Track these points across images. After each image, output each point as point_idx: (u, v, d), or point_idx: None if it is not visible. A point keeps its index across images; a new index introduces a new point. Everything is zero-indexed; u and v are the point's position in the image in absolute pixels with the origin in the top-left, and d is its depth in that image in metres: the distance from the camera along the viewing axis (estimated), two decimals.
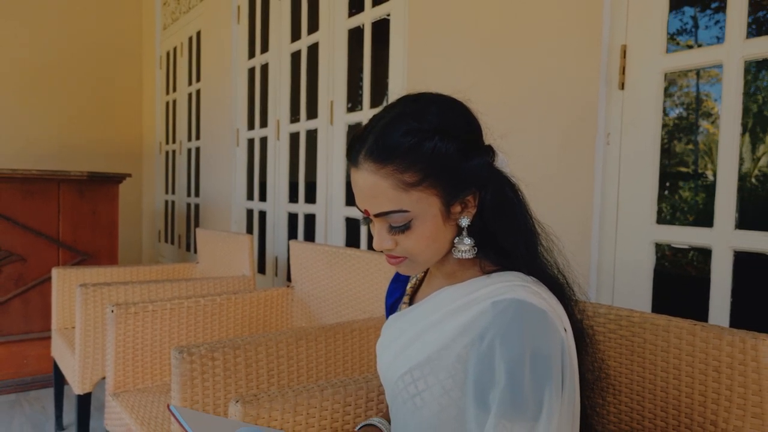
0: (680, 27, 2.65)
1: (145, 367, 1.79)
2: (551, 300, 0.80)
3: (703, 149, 2.88)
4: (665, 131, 2.99)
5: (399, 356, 0.85)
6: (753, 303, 1.46)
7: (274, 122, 3.26)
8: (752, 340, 0.94)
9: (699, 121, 2.95)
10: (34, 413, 2.78)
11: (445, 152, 0.76)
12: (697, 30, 2.66)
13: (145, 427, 1.55)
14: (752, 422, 0.95)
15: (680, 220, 2.70)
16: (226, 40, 3.74)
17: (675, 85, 3.17)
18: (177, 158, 4.83)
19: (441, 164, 0.76)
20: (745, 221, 1.33)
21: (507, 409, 0.71)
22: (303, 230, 3.05)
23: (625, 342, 1.13)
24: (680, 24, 2.64)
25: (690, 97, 3.12)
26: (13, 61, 4.80)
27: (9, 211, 3.00)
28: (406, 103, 0.83)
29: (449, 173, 0.77)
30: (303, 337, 1.49)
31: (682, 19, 2.64)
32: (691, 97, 3.12)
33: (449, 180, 0.77)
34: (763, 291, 1.73)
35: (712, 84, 3.05)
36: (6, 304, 3.02)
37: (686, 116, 3.07)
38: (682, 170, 2.93)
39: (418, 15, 2.16)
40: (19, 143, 4.83)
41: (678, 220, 2.67)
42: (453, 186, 0.78)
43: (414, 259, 0.82)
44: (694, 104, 3.01)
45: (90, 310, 1.99)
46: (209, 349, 1.32)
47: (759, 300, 1.61)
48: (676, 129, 2.95)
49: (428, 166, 0.76)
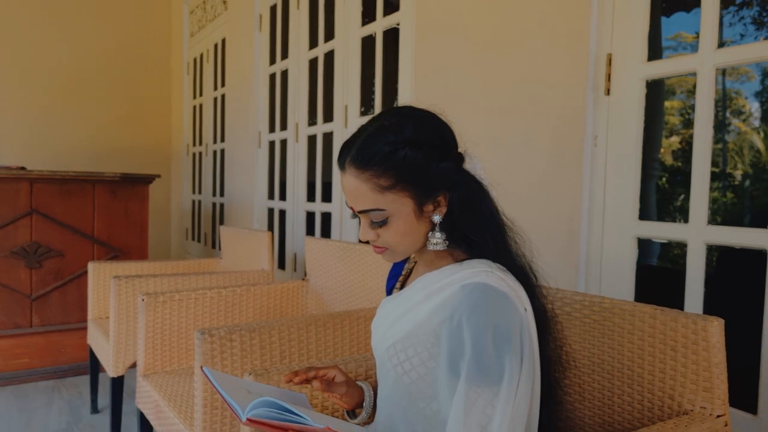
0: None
1: (172, 351, 1.96)
2: (514, 284, 0.92)
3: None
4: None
5: (387, 332, 0.99)
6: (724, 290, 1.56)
7: (293, 125, 3.42)
8: (702, 322, 1.06)
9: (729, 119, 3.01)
10: (71, 398, 2.98)
11: (413, 160, 0.90)
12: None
13: (171, 403, 1.72)
14: (703, 395, 1.06)
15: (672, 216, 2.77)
16: (249, 47, 3.92)
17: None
18: (203, 160, 5.04)
19: (410, 170, 0.90)
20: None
21: (474, 375, 0.84)
22: (320, 228, 3.21)
23: (597, 326, 1.25)
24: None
25: (718, 93, 3.19)
26: (51, 69, 5.08)
27: (49, 210, 3.22)
28: (387, 117, 0.96)
29: (418, 178, 0.90)
30: (313, 323, 1.64)
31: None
32: (719, 94, 3.18)
33: (419, 184, 0.91)
34: (732, 279, 1.83)
35: (743, 82, 3.11)
36: (46, 297, 3.25)
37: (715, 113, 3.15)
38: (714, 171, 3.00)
39: (423, 25, 2.30)
40: (57, 146, 5.11)
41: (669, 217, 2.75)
42: (423, 188, 0.91)
43: (393, 250, 0.96)
44: (722, 102, 3.06)
45: (123, 299, 2.17)
46: (228, 332, 1.48)
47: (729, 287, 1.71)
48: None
49: (399, 172, 0.89)
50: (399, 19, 2.48)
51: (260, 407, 0.78)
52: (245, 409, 0.79)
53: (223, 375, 0.96)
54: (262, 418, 0.78)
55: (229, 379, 0.96)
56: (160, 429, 1.79)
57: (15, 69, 4.97)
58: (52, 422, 2.67)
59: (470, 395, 0.83)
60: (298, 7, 3.36)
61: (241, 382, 1.00)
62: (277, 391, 1.06)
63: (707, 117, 1.42)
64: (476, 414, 0.83)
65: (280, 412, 0.77)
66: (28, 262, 3.18)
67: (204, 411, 1.47)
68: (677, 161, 3.39)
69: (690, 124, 3.27)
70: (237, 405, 0.80)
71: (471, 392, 0.83)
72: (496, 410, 0.82)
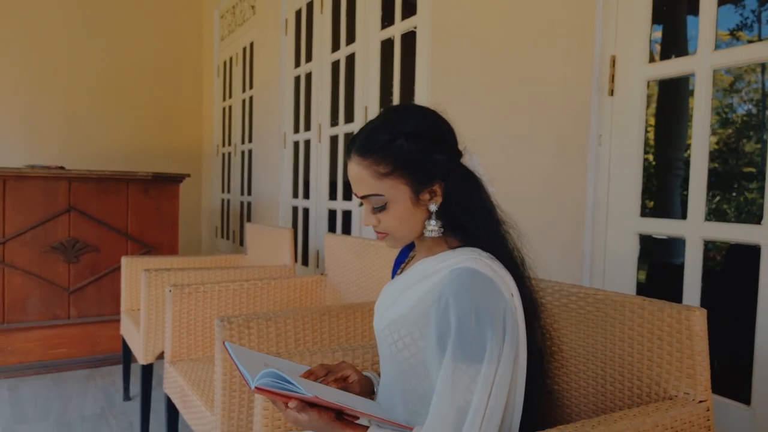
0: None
1: (197, 340, 2.08)
2: (501, 271, 1.00)
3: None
4: (733, 128, 3.05)
5: (385, 313, 1.08)
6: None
7: (317, 126, 3.53)
8: (686, 312, 1.11)
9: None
10: (105, 386, 3.15)
11: (408, 150, 0.98)
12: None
13: (195, 388, 1.83)
14: (687, 382, 1.12)
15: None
16: (275, 50, 4.05)
17: (742, 80, 3.19)
18: (232, 160, 5.20)
19: (406, 159, 0.98)
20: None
21: (458, 352, 0.91)
22: (341, 225, 3.31)
23: (591, 316, 1.31)
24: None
25: (758, 93, 3.16)
26: (89, 73, 5.31)
27: (86, 208, 3.40)
28: (392, 112, 1.05)
29: (413, 166, 0.98)
30: (326, 313, 1.73)
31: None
32: (759, 93, 3.15)
33: (414, 172, 0.99)
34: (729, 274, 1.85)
35: None
36: (83, 290, 3.43)
37: (755, 113, 3.10)
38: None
39: (439, 28, 2.38)
40: (94, 146, 5.33)
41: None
42: (418, 177, 0.99)
43: (393, 235, 1.04)
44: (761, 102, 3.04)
45: (152, 291, 2.31)
46: (245, 320, 1.58)
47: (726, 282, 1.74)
48: (744, 126, 2.96)
49: (396, 160, 0.98)
50: (416, 22, 2.56)
51: (266, 377, 0.88)
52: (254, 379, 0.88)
53: (244, 350, 1.05)
54: (267, 387, 0.87)
55: (250, 353, 1.05)
56: (185, 412, 1.91)
57: (55, 74, 5.21)
58: (88, 408, 2.83)
59: (456, 373, 0.90)
60: (321, 11, 3.47)
61: (261, 356, 1.09)
62: (293, 365, 1.14)
63: (704, 117, 1.46)
64: (461, 391, 0.90)
65: (280, 381, 0.86)
66: (66, 257, 3.36)
67: (223, 394, 1.58)
68: (713, 162, 3.37)
69: (727, 123, 3.27)
70: (249, 375, 0.90)
71: (457, 370, 0.90)
72: (477, 387, 0.90)
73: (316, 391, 0.87)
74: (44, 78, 5.18)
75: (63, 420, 2.67)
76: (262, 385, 0.87)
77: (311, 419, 0.90)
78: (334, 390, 0.94)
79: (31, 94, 5.16)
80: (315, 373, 1.07)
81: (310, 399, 0.85)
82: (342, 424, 0.93)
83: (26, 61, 5.12)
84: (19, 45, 5.08)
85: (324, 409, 0.91)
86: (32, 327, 3.30)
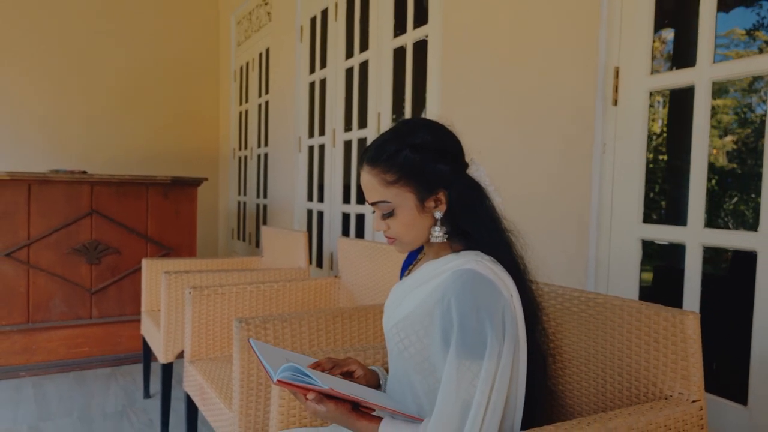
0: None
1: (215, 340, 2.16)
2: (501, 274, 1.06)
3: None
4: (752, 128, 3.07)
5: (393, 313, 1.15)
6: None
7: (331, 131, 3.62)
8: (680, 316, 1.17)
9: None
10: (126, 384, 3.25)
11: (413, 160, 1.05)
12: None
13: (213, 386, 1.92)
14: (681, 382, 1.17)
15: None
16: (291, 56, 4.14)
17: (762, 80, 3.16)
18: (248, 163, 5.30)
19: (410, 168, 1.05)
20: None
21: (461, 348, 0.98)
22: (354, 228, 3.39)
23: (592, 320, 1.37)
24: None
25: None
26: (109, 79, 5.45)
27: (107, 211, 3.51)
28: (401, 125, 1.13)
29: (417, 175, 1.05)
30: (339, 315, 1.81)
31: None
32: None
33: (418, 180, 1.06)
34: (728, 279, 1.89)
35: None
36: (104, 291, 3.54)
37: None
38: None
39: (450, 37, 2.44)
40: (114, 149, 5.47)
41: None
42: (422, 185, 1.06)
43: (401, 240, 1.11)
44: None
45: (172, 292, 2.40)
46: (262, 321, 1.66)
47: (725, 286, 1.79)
48: (762, 126, 2.96)
49: (401, 169, 1.05)
50: (428, 31, 2.63)
51: (287, 371, 0.95)
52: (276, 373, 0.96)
53: (266, 345, 1.13)
54: (288, 380, 0.95)
55: (271, 349, 1.13)
56: (204, 409, 2.00)
57: (76, 80, 5.36)
58: (109, 405, 2.93)
59: (461, 369, 0.97)
60: (336, 19, 3.55)
61: (282, 351, 1.17)
62: (312, 360, 1.21)
63: (704, 127, 1.52)
64: (465, 386, 0.97)
65: (299, 375, 0.93)
66: (88, 259, 3.48)
67: (241, 392, 1.66)
68: (731, 162, 3.38)
69: (745, 123, 3.28)
70: (271, 369, 0.97)
71: (461, 366, 0.97)
72: (479, 382, 0.96)
73: (332, 383, 0.95)
74: (65, 83, 5.33)
75: (86, 417, 2.78)
76: (284, 378, 0.94)
77: (329, 410, 0.98)
78: (349, 383, 1.02)
79: (53, 98, 5.31)
80: (321, 365, 1.14)
81: (326, 391, 0.93)
82: (357, 415, 1.00)
83: (48, 67, 5.27)
84: (40, 51, 5.23)
85: (340, 401, 0.98)
86: (56, 327, 3.41)
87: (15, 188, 3.29)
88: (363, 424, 1.01)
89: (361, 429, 1.01)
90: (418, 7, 2.78)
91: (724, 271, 1.82)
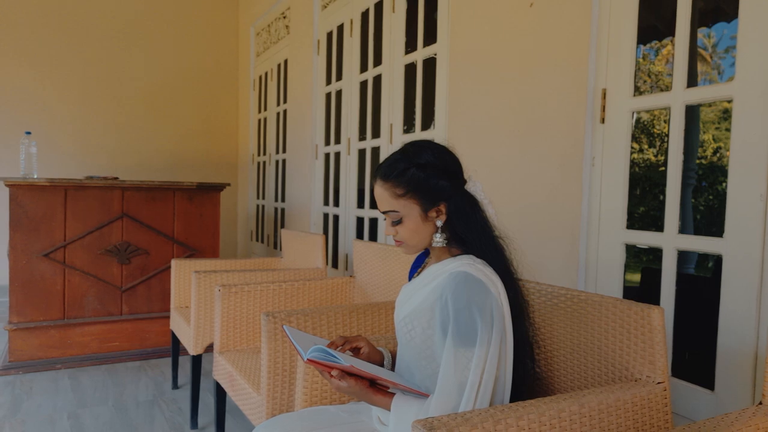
0: None
1: (242, 333, 2.39)
2: (492, 275, 1.26)
3: None
4: None
5: (402, 308, 1.36)
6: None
7: (346, 140, 3.83)
8: (647, 310, 1.36)
9: None
10: (155, 376, 3.49)
11: (418, 177, 1.26)
12: None
13: (242, 373, 2.14)
14: (648, 367, 1.37)
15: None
16: (308, 68, 4.37)
17: None
18: (267, 168, 5.53)
19: (416, 184, 1.26)
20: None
21: (456, 337, 1.18)
22: (368, 231, 3.60)
23: (576, 314, 1.57)
24: None
25: None
26: (135, 88, 5.73)
27: (137, 214, 3.76)
28: (410, 147, 1.33)
29: (422, 190, 1.26)
30: (355, 310, 2.02)
31: None
32: None
33: (422, 194, 1.26)
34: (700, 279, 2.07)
35: None
36: (134, 289, 3.79)
37: None
38: None
39: (456, 57, 2.65)
40: (140, 155, 5.75)
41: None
42: (426, 198, 1.27)
43: (407, 244, 1.32)
44: None
45: (202, 290, 2.62)
46: (287, 314, 1.87)
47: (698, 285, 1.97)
48: None
49: (408, 184, 1.26)
50: (436, 50, 2.84)
51: (315, 352, 1.17)
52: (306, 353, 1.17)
53: (297, 331, 1.35)
54: (316, 359, 1.16)
55: (301, 333, 1.35)
56: (233, 394, 2.22)
57: (106, 89, 5.64)
58: (141, 395, 3.17)
59: (457, 355, 1.18)
60: (351, 35, 3.77)
61: (310, 336, 1.38)
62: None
63: (678, 144, 1.71)
64: (460, 370, 1.17)
65: (325, 354, 1.15)
66: (119, 259, 3.72)
67: (269, 377, 1.87)
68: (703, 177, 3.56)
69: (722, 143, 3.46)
70: (302, 350, 1.19)
71: (457, 353, 1.18)
72: (472, 366, 1.17)
73: (353, 362, 1.16)
74: (97, 93, 5.62)
75: (120, 405, 3.01)
76: (313, 358, 1.16)
77: (350, 385, 1.20)
78: (368, 363, 1.23)
79: (83, 108, 5.59)
80: (334, 343, 1.35)
81: (347, 368, 1.14)
82: (374, 390, 1.22)
83: (78, 78, 5.56)
84: (70, 61, 5.52)
85: (360, 378, 1.20)
86: (89, 322, 3.66)
87: (53, 193, 3.54)
88: (379, 398, 1.22)
89: (377, 402, 1.23)
90: (428, 26, 2.99)
91: (697, 272, 2.00)
